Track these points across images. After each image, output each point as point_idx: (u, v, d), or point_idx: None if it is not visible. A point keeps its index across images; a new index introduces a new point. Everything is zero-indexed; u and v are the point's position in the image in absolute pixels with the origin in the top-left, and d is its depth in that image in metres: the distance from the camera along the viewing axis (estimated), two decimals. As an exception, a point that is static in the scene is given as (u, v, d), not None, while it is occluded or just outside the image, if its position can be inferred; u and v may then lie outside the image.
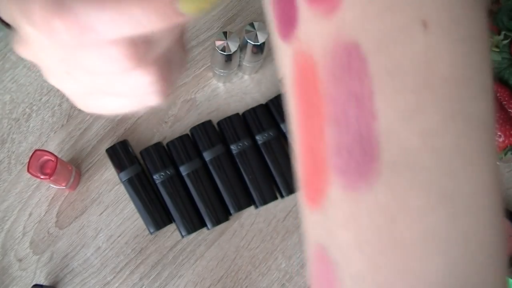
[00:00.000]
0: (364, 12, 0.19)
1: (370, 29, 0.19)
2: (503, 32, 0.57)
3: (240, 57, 0.57)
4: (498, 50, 0.56)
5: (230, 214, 0.58)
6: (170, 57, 0.23)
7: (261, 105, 0.60)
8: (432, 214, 0.19)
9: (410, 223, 0.19)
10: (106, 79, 0.21)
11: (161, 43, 0.21)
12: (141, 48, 0.20)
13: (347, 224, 0.20)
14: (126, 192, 0.57)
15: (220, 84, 0.62)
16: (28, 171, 0.49)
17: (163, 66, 0.22)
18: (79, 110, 0.59)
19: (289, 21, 0.22)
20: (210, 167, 0.58)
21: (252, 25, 0.54)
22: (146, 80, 0.21)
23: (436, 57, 0.19)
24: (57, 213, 0.57)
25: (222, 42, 0.53)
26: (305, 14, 0.21)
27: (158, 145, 0.58)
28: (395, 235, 0.19)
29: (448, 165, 0.19)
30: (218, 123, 0.59)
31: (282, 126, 0.59)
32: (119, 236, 0.57)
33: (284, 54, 0.23)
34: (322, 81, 0.20)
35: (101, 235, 0.57)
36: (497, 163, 0.21)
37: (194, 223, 0.57)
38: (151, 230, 0.57)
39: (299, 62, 0.21)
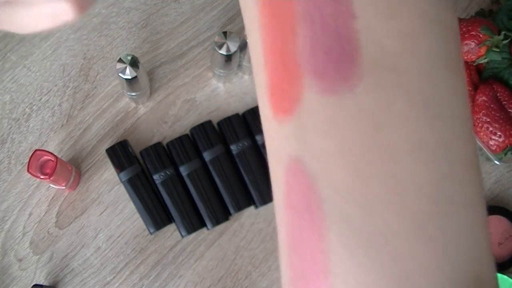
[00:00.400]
0: None
1: None
2: (503, 32, 0.57)
3: (240, 57, 0.57)
4: (498, 50, 0.56)
5: (230, 214, 0.58)
6: None
7: (261, 105, 0.60)
8: (417, 121, 0.18)
9: (396, 130, 0.18)
10: None
11: None
12: None
13: (327, 131, 0.18)
14: (126, 192, 0.57)
15: (220, 84, 0.62)
16: (28, 171, 0.49)
17: None
18: (79, 110, 0.59)
19: None
20: (210, 167, 0.58)
21: (252, 25, 0.54)
22: None
23: None
24: (57, 213, 0.57)
25: (222, 42, 0.53)
26: None
27: (158, 145, 0.58)
28: (382, 142, 0.18)
29: (427, 69, 0.18)
30: (218, 123, 0.59)
31: (282, 126, 0.59)
32: (119, 236, 0.57)
33: None
34: None
35: (101, 235, 0.57)
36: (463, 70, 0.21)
37: (194, 223, 0.57)
38: (151, 230, 0.57)
39: None
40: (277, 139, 0.20)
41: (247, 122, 0.59)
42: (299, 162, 0.19)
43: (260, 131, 0.58)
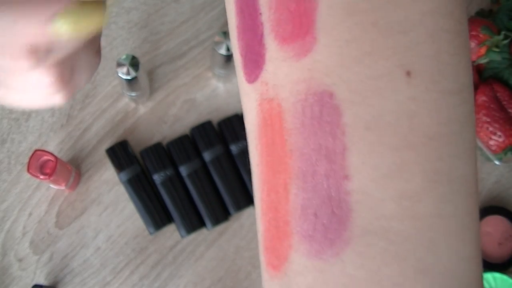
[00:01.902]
0: (341, 56, 0.17)
1: (347, 76, 0.17)
2: (503, 32, 0.57)
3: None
4: (498, 50, 0.56)
5: (230, 214, 0.58)
6: (75, 61, 0.23)
7: (261, 105, 0.60)
8: None
9: None
10: (6, 73, 0.22)
11: (63, 49, 0.21)
12: (40, 51, 0.20)
13: None
14: (126, 192, 0.57)
15: (220, 84, 0.62)
16: (28, 171, 0.49)
17: (65, 69, 0.23)
18: (79, 110, 0.59)
19: (255, 61, 0.19)
20: (210, 168, 0.58)
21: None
22: (46, 81, 0.22)
23: (420, 111, 0.17)
24: (57, 213, 0.57)
25: (222, 42, 0.53)
26: (274, 55, 0.18)
27: (158, 145, 0.58)
28: None
29: (427, 235, 0.17)
30: (218, 123, 0.59)
31: (282, 126, 0.59)
32: (119, 236, 0.57)
33: (249, 98, 0.20)
34: (289, 132, 0.18)
35: (101, 235, 0.57)
36: (479, 230, 0.19)
37: (193, 223, 0.57)
38: (151, 231, 0.57)
39: (264, 108, 0.19)
40: None
41: (247, 122, 0.59)
42: None
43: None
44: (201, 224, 0.57)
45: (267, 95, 0.19)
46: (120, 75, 0.51)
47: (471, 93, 0.18)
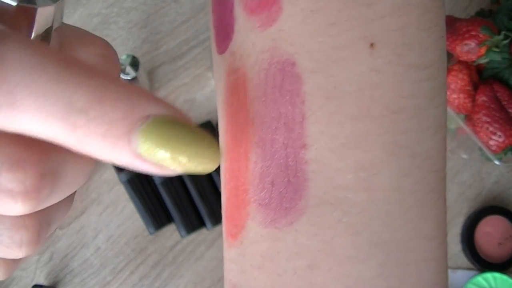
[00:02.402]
0: (304, 26, 0.17)
1: (310, 45, 0.17)
2: (503, 32, 0.57)
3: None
4: (498, 50, 0.56)
5: (230, 214, 0.58)
6: (53, 213, 0.17)
7: (261, 105, 0.60)
8: (360, 264, 0.17)
9: (333, 271, 0.17)
10: None
11: (58, 193, 0.15)
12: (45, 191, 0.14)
13: (263, 265, 0.18)
14: (126, 193, 0.57)
15: (220, 84, 0.62)
16: (28, 171, 0.49)
17: (45, 222, 0.16)
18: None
19: (225, 32, 0.19)
20: (210, 167, 0.58)
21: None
22: (18, 235, 0.15)
23: (382, 83, 0.16)
24: (57, 213, 0.57)
25: (222, 42, 0.53)
26: (242, 25, 0.18)
27: (158, 145, 0.58)
28: (315, 282, 0.17)
29: (383, 208, 0.17)
30: (218, 123, 0.59)
31: (282, 126, 0.59)
32: (119, 236, 0.57)
33: (219, 69, 0.20)
34: (252, 101, 0.18)
35: (101, 235, 0.57)
36: (445, 210, 0.19)
37: (193, 223, 0.57)
38: (151, 231, 0.57)
39: (231, 78, 0.19)
40: (226, 260, 0.20)
41: (247, 122, 0.59)
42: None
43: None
44: (201, 224, 0.57)
45: (234, 65, 0.19)
46: (120, 75, 0.51)
47: (441, 69, 0.18)
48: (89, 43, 0.17)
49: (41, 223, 0.16)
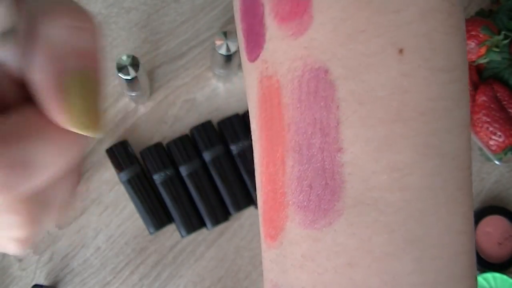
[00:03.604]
0: (335, 34, 0.17)
1: (341, 53, 0.17)
2: (503, 32, 0.57)
3: (240, 57, 0.57)
4: (498, 50, 0.56)
5: (230, 214, 0.58)
6: (48, 194, 0.17)
7: (261, 105, 0.60)
8: (397, 261, 0.17)
9: (371, 268, 0.17)
10: None
11: (40, 175, 0.16)
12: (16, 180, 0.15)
13: (303, 264, 0.18)
14: (126, 192, 0.57)
15: (220, 84, 0.62)
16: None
17: (35, 206, 0.17)
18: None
19: (256, 40, 0.20)
20: (210, 167, 0.58)
21: (252, 25, 0.54)
22: (10, 220, 0.16)
23: (411, 87, 0.17)
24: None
25: (222, 42, 0.53)
26: (273, 34, 0.19)
27: (158, 145, 0.58)
28: (355, 279, 0.18)
29: (417, 206, 0.17)
30: (218, 123, 0.59)
31: (282, 126, 0.59)
32: (119, 236, 0.57)
33: (250, 76, 0.21)
34: (287, 107, 0.19)
35: (101, 235, 0.57)
36: (472, 205, 0.19)
37: (193, 223, 0.57)
38: (151, 230, 0.57)
39: (264, 85, 0.20)
40: (265, 261, 0.21)
41: (247, 122, 0.59)
42: None
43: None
44: (201, 224, 0.57)
45: (267, 73, 0.19)
46: (120, 75, 0.51)
47: (464, 72, 0.19)
48: (59, 14, 0.15)
49: (33, 205, 0.16)
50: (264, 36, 0.19)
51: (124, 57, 0.51)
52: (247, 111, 0.59)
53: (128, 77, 0.51)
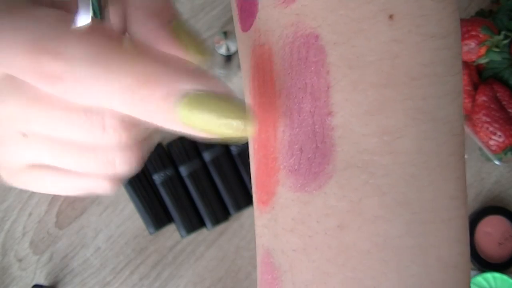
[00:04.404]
0: (325, 1, 0.18)
1: (331, 18, 0.18)
2: (503, 32, 0.57)
3: (240, 57, 0.57)
4: (498, 50, 0.56)
5: (230, 214, 0.58)
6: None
7: (261, 105, 0.60)
8: (387, 223, 0.17)
9: (362, 231, 0.17)
10: (73, 151, 0.18)
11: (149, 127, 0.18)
12: (141, 127, 0.18)
13: (294, 227, 0.19)
14: (126, 193, 0.57)
15: (220, 84, 0.62)
16: (28, 171, 0.49)
17: (144, 149, 0.19)
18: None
19: (249, 11, 0.20)
20: (210, 168, 0.58)
21: (252, 25, 0.54)
22: (126, 162, 0.19)
23: (402, 52, 0.17)
24: (57, 213, 0.57)
25: (222, 42, 0.53)
26: (266, 2, 0.19)
27: (158, 145, 0.58)
28: (346, 241, 0.18)
29: (408, 170, 0.17)
30: (218, 123, 0.59)
31: (282, 126, 0.59)
32: (119, 236, 0.57)
33: (243, 46, 0.21)
34: (278, 73, 0.19)
35: (101, 235, 0.57)
36: (465, 171, 0.19)
37: (193, 223, 0.57)
38: (151, 231, 0.57)
39: (257, 53, 0.20)
40: (257, 227, 0.21)
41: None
42: (270, 254, 0.20)
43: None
44: (201, 224, 0.57)
45: (259, 41, 0.20)
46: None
47: (457, 40, 0.19)
48: (154, 15, 0.18)
49: (144, 146, 0.19)
50: (257, 5, 0.20)
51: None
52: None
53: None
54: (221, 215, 0.57)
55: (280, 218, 0.19)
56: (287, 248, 0.19)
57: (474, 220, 0.60)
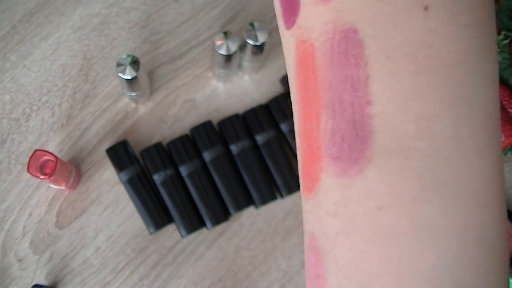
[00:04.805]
0: None
1: (368, 13, 0.18)
2: (503, 32, 0.57)
3: (240, 57, 0.57)
4: (498, 50, 0.56)
5: (230, 214, 0.58)
6: None
7: (261, 105, 0.60)
8: (425, 204, 0.18)
9: (400, 211, 0.18)
10: None
11: None
12: None
13: (336, 211, 0.20)
14: (126, 192, 0.57)
15: (220, 84, 0.62)
16: (28, 171, 0.49)
17: None
18: (79, 110, 0.59)
19: (291, 9, 0.21)
20: (210, 168, 0.58)
21: (252, 25, 0.54)
22: None
23: (438, 41, 0.18)
24: (57, 213, 0.57)
25: (222, 42, 0.53)
26: (307, 1, 0.20)
27: (158, 145, 0.58)
28: (384, 222, 0.18)
29: (444, 153, 0.18)
30: (218, 123, 0.59)
31: (282, 126, 0.59)
32: (119, 236, 0.57)
33: (287, 43, 0.22)
34: (320, 67, 0.20)
35: (101, 235, 0.57)
36: (501, 156, 0.20)
37: (193, 223, 0.57)
38: (151, 230, 0.57)
39: (300, 49, 0.21)
40: (304, 214, 0.22)
41: (247, 122, 0.59)
42: (314, 238, 0.21)
43: (259, 131, 0.58)
44: (201, 224, 0.57)
45: (302, 38, 0.21)
46: (120, 75, 0.51)
47: (492, 28, 0.19)
48: None
49: None
50: (299, 3, 0.21)
51: (124, 57, 0.51)
52: (247, 111, 0.59)
53: (128, 77, 0.51)
54: (221, 215, 0.57)
55: (323, 203, 0.20)
56: (330, 231, 0.20)
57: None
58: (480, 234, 0.18)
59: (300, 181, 0.22)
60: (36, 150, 0.50)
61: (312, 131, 0.21)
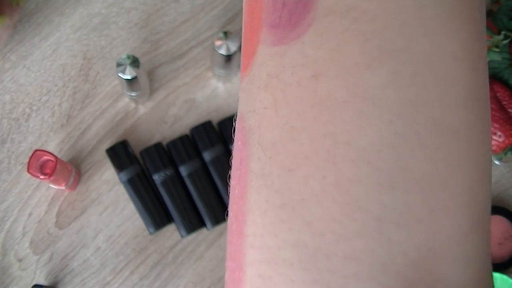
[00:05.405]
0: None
1: None
2: (503, 32, 0.57)
3: (240, 57, 0.57)
4: (498, 50, 0.56)
5: (230, 214, 0.58)
6: None
7: (261, 105, 0.60)
8: (369, 70, 0.15)
9: (338, 80, 0.15)
10: None
11: None
12: None
13: (268, 83, 0.17)
14: (126, 192, 0.57)
15: (220, 84, 0.62)
16: (28, 171, 0.49)
17: None
18: (79, 110, 0.59)
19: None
20: (210, 168, 0.58)
21: (252, 25, 0.54)
22: None
23: None
24: (57, 213, 0.57)
25: (222, 42, 0.53)
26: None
27: (157, 145, 0.58)
28: (319, 92, 0.15)
29: (399, 17, 0.15)
30: (218, 123, 0.59)
31: (282, 126, 0.59)
32: (119, 236, 0.57)
33: None
34: None
35: (100, 235, 0.57)
36: (484, 46, 0.16)
37: (193, 223, 0.57)
38: (151, 230, 0.57)
39: None
40: (239, 95, 0.19)
41: (247, 122, 0.59)
42: (243, 119, 0.18)
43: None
44: (201, 224, 0.57)
45: None
46: (120, 75, 0.51)
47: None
48: None
49: None
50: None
51: (124, 57, 0.51)
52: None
53: (128, 77, 0.51)
54: (221, 215, 0.57)
55: (256, 78, 0.17)
56: (258, 107, 0.17)
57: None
58: (435, 114, 0.15)
59: (241, 65, 0.19)
60: (36, 150, 0.50)
61: (255, 2, 0.18)
